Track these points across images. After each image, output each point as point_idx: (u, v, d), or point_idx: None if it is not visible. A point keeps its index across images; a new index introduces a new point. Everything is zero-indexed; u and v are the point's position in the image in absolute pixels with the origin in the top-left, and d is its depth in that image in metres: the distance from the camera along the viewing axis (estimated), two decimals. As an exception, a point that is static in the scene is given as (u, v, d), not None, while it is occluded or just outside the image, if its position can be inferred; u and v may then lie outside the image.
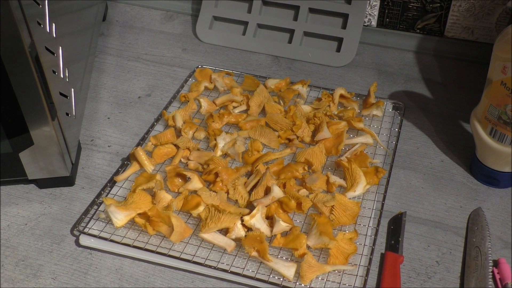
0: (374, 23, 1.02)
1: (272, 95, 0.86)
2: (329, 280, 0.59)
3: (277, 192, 0.66)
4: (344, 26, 0.99)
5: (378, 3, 1.00)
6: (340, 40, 0.99)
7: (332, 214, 0.65)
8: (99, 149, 0.80)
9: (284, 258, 0.62)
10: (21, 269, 0.63)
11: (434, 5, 0.96)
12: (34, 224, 0.68)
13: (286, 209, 0.65)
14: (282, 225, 0.63)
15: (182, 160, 0.75)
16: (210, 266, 0.61)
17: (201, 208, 0.65)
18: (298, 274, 0.59)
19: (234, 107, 0.84)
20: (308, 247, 0.62)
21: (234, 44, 1.03)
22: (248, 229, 0.63)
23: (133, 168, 0.73)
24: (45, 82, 0.63)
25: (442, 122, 0.84)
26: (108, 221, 0.66)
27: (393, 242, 0.64)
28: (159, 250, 0.63)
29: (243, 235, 0.62)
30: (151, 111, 0.87)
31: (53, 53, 0.66)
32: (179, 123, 0.79)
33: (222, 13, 1.05)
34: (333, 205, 0.65)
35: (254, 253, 0.61)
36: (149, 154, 0.75)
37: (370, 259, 0.61)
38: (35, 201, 0.71)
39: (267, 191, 0.68)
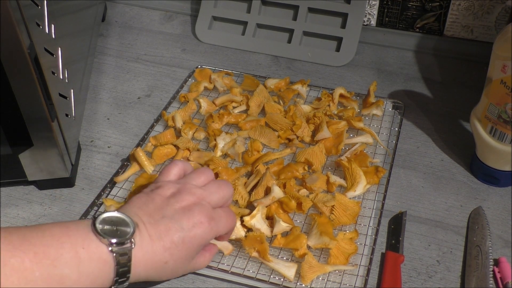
0: (373, 22, 1.02)
1: (271, 95, 0.86)
2: (329, 280, 0.59)
3: (277, 192, 0.66)
4: (343, 26, 0.99)
5: (377, 3, 1.00)
6: (339, 40, 0.99)
7: (333, 214, 0.65)
8: (99, 150, 0.80)
9: (284, 258, 0.62)
10: (22, 270, 0.63)
11: (433, 4, 0.96)
12: (34, 226, 0.68)
13: (287, 209, 0.65)
14: (282, 225, 0.63)
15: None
16: (210, 267, 0.61)
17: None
18: (299, 274, 0.59)
19: (234, 107, 0.84)
20: (309, 247, 0.62)
21: (234, 44, 1.03)
22: (248, 229, 0.63)
23: (133, 169, 0.73)
24: (45, 83, 0.63)
25: (442, 121, 0.84)
26: (108, 222, 0.66)
27: (393, 241, 0.64)
28: (159, 251, 0.63)
29: (243, 235, 0.62)
30: (150, 111, 0.87)
31: (52, 54, 0.66)
32: (179, 123, 0.79)
33: (221, 13, 1.05)
34: (333, 205, 0.65)
35: (255, 254, 0.61)
36: (149, 154, 0.75)
37: (371, 259, 0.61)
38: (35, 203, 0.71)
39: (267, 191, 0.68)
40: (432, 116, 0.85)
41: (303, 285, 0.59)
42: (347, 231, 0.64)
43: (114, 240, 0.47)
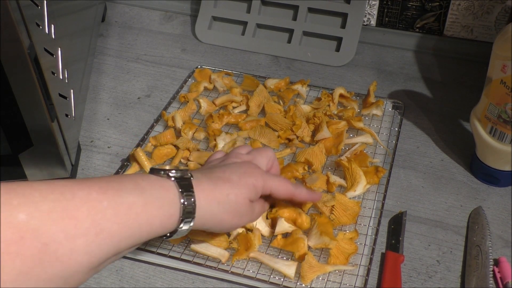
0: (373, 22, 1.02)
1: (271, 95, 0.86)
2: (329, 280, 0.59)
3: (277, 192, 0.66)
4: (343, 26, 0.99)
5: (377, 3, 1.00)
6: (339, 40, 0.99)
7: (333, 214, 0.65)
8: (99, 150, 0.80)
9: (284, 258, 0.62)
10: (22, 270, 0.63)
11: (433, 4, 0.96)
12: (34, 226, 0.68)
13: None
14: (285, 225, 0.62)
15: (182, 160, 0.75)
16: (210, 267, 0.61)
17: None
18: (299, 274, 0.59)
19: (234, 107, 0.84)
20: (309, 247, 0.62)
21: (233, 44, 1.03)
22: (248, 229, 0.63)
23: (133, 169, 0.73)
24: (45, 84, 0.63)
25: (442, 121, 0.84)
26: (108, 222, 0.66)
27: (393, 241, 0.64)
28: (159, 251, 0.63)
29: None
30: (150, 111, 0.87)
31: (52, 55, 0.66)
32: (179, 123, 0.79)
33: (221, 13, 1.05)
34: (333, 205, 0.65)
35: (252, 254, 0.61)
36: (149, 155, 0.75)
37: (371, 259, 0.61)
38: (35, 203, 0.71)
39: (267, 191, 0.68)
40: (432, 116, 0.85)
41: (303, 285, 0.59)
42: (347, 231, 0.64)
43: (172, 173, 0.49)
